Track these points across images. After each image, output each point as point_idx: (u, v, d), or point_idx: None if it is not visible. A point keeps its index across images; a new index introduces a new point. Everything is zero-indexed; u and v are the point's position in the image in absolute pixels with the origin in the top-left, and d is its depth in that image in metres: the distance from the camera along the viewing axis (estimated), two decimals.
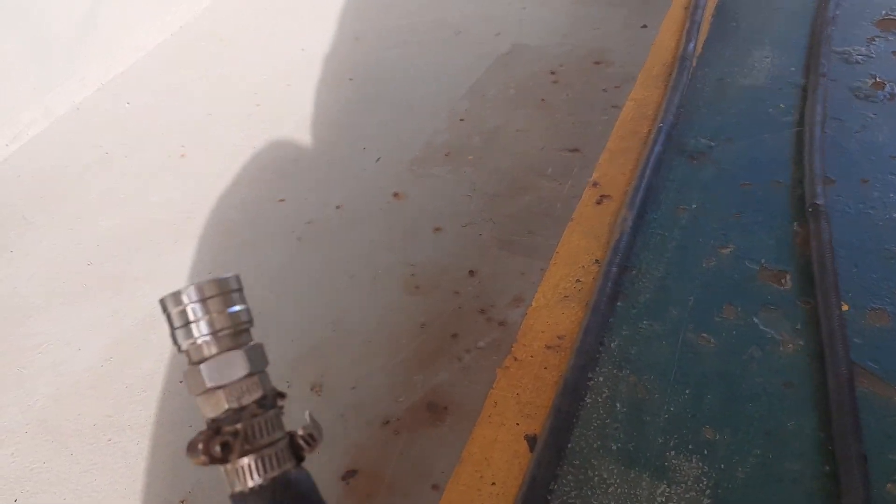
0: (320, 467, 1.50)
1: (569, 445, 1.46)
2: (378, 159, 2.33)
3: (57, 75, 2.74)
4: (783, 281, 1.70)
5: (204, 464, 0.59)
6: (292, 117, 2.58)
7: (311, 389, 1.66)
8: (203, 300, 0.62)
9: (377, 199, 2.17)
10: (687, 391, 1.52)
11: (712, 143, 2.17)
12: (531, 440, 1.49)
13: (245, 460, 0.60)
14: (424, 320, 1.77)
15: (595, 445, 1.45)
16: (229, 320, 0.63)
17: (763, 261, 1.77)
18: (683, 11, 2.85)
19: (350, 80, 2.78)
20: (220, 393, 0.61)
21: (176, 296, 0.62)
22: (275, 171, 2.35)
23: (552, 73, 2.63)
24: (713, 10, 2.85)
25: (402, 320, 1.78)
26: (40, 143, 2.66)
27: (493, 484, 1.42)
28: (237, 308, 0.63)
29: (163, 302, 0.64)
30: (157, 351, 1.79)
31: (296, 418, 0.66)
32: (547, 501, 1.38)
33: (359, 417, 1.58)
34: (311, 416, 0.66)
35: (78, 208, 2.31)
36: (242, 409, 0.61)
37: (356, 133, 2.47)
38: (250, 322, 0.65)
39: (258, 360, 0.64)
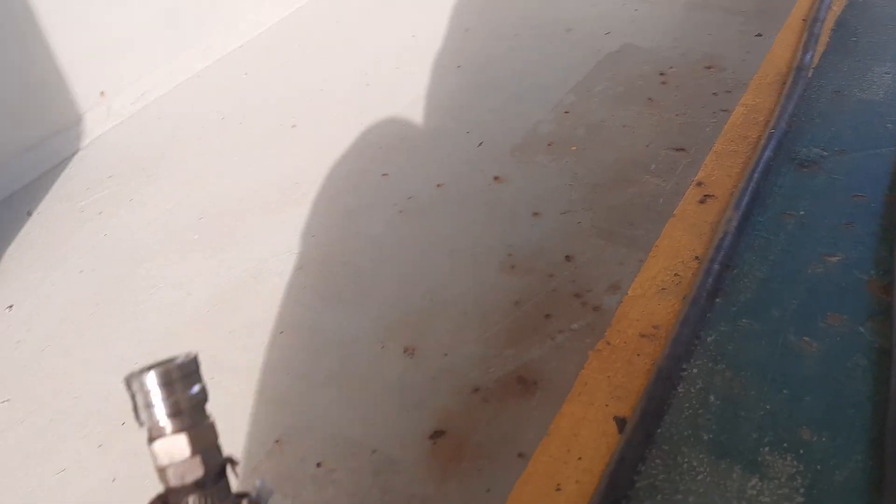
0: (409, 424, 1.54)
1: (658, 430, 1.46)
2: (481, 144, 2.37)
3: (183, 43, 2.89)
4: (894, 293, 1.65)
5: None
6: (400, 98, 2.65)
7: (404, 352, 1.70)
8: (163, 384, 0.68)
9: (478, 181, 2.21)
10: (785, 391, 1.49)
11: (825, 154, 2.12)
12: (620, 422, 1.49)
13: None
14: (518, 299, 1.79)
15: (686, 433, 1.45)
16: (186, 402, 0.69)
17: (873, 272, 1.72)
18: (801, 23, 2.79)
19: (458, 67, 2.83)
20: (168, 471, 0.68)
21: (139, 378, 0.69)
22: (380, 147, 2.42)
23: (661, 74, 2.62)
24: (833, 24, 2.78)
25: (496, 297, 1.81)
26: (163, 105, 2.81)
27: (580, 459, 1.43)
28: (194, 389, 0.70)
29: (127, 381, 0.70)
30: (260, 303, 1.87)
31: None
32: (633, 481, 1.38)
33: (449, 383, 1.62)
34: (262, 482, 0.72)
35: (194, 166, 2.43)
36: (185, 486, 0.68)
37: (461, 118, 2.51)
38: (205, 399, 0.71)
39: (203, 440, 0.70)
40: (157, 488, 1.39)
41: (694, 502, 1.34)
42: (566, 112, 2.47)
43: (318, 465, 1.49)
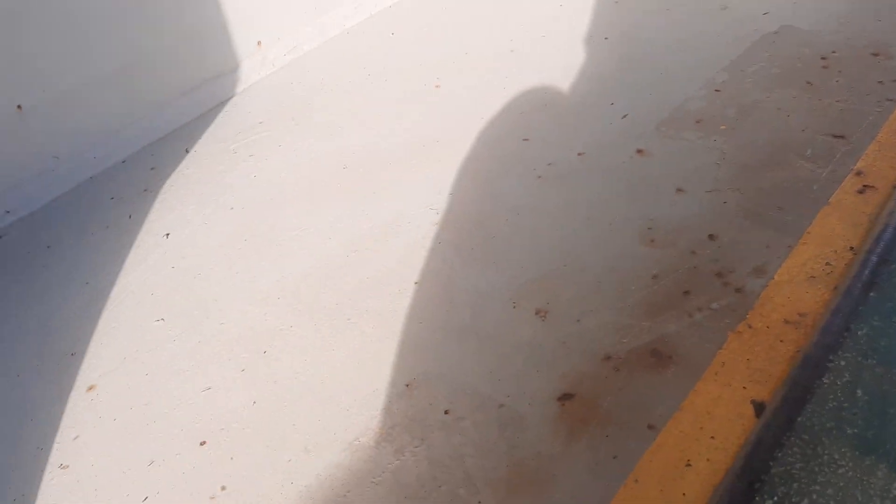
0: (538, 384, 1.55)
1: (799, 419, 1.40)
2: (625, 116, 2.32)
3: (335, 1, 2.97)
4: None
5: None
6: (545, 67, 2.63)
7: (536, 313, 1.70)
8: None
9: (620, 153, 2.17)
10: None
11: None
12: (759, 406, 1.44)
13: None
14: (657, 272, 1.76)
15: (828, 425, 1.39)
16: None
17: None
18: None
19: (605, 39, 2.78)
20: None
21: None
22: (522, 112, 2.42)
23: (823, 58, 2.48)
24: None
25: (633, 269, 1.78)
26: (313, 58, 2.91)
27: (713, 438, 1.40)
28: None
29: None
30: (397, 252, 1.92)
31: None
32: (769, 466, 1.34)
33: (580, 348, 1.61)
34: None
35: (340, 119, 2.51)
36: None
37: (606, 89, 2.47)
38: None
39: None
40: (291, 414, 1.46)
41: (832, 495, 1.29)
42: (717, 90, 2.39)
43: (447, 412, 1.53)
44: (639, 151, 2.16)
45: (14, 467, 1.49)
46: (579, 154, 2.18)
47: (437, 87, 2.60)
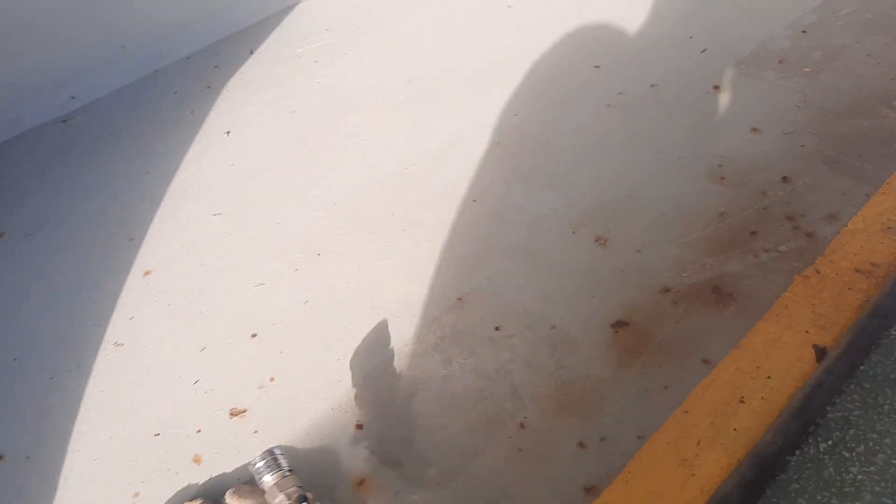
0: (591, 309, 1.52)
1: (862, 367, 1.36)
2: (704, 51, 2.23)
3: None
4: None
5: None
6: None
7: (595, 240, 1.67)
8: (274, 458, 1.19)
9: (694, 88, 2.09)
10: None
11: None
12: (820, 351, 1.40)
13: None
14: (724, 210, 1.70)
15: (892, 376, 1.34)
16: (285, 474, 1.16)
17: None
18: None
19: None
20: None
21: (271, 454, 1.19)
22: (595, 39, 2.33)
23: None
24: None
25: (700, 204, 1.72)
26: None
27: (769, 378, 1.37)
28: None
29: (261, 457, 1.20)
30: (456, 169, 1.88)
31: None
32: (826, 410, 1.30)
33: (639, 278, 1.58)
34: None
35: (407, 33, 2.45)
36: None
37: (685, 23, 2.37)
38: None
39: (287, 485, 1.15)
40: (342, 316, 1.44)
41: (891, 444, 1.25)
42: (803, 31, 2.27)
43: (497, 328, 1.51)
44: (715, 87, 2.07)
45: (72, 340, 1.53)
46: (652, 86, 2.10)
47: (508, 6, 2.51)
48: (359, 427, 1.35)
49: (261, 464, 1.11)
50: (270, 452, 1.11)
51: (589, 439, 1.32)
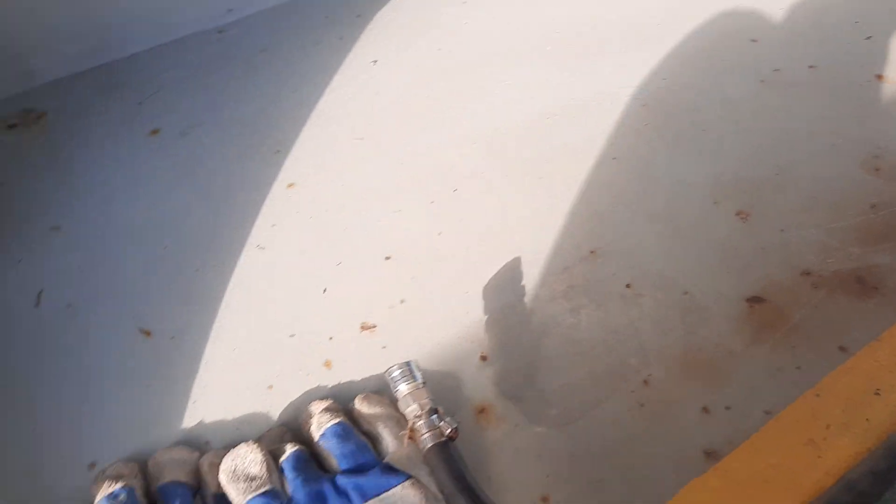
0: (727, 282, 1.51)
1: None
2: (869, 37, 2.12)
3: None
4: None
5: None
6: None
7: (737, 214, 1.64)
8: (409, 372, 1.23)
9: (856, 74, 2.00)
10: None
11: None
12: None
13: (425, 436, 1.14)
14: (876, 202, 1.64)
15: None
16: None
17: None
18: None
19: None
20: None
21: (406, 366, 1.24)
22: (754, 12, 2.26)
23: None
24: None
25: (851, 193, 1.67)
26: None
27: None
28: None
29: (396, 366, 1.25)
30: (598, 124, 1.88)
31: None
32: None
33: (779, 258, 1.55)
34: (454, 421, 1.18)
35: None
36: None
37: (851, 6, 2.26)
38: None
39: (421, 396, 1.21)
40: (474, 252, 1.46)
41: None
42: None
43: (628, 285, 1.51)
44: (878, 77, 1.98)
45: (217, 238, 1.60)
46: (810, 67, 2.03)
47: None
48: (483, 358, 1.39)
49: (397, 373, 1.15)
50: (407, 364, 1.15)
51: (713, 405, 1.31)
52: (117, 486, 1.16)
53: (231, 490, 1.15)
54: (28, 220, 1.69)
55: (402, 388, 1.22)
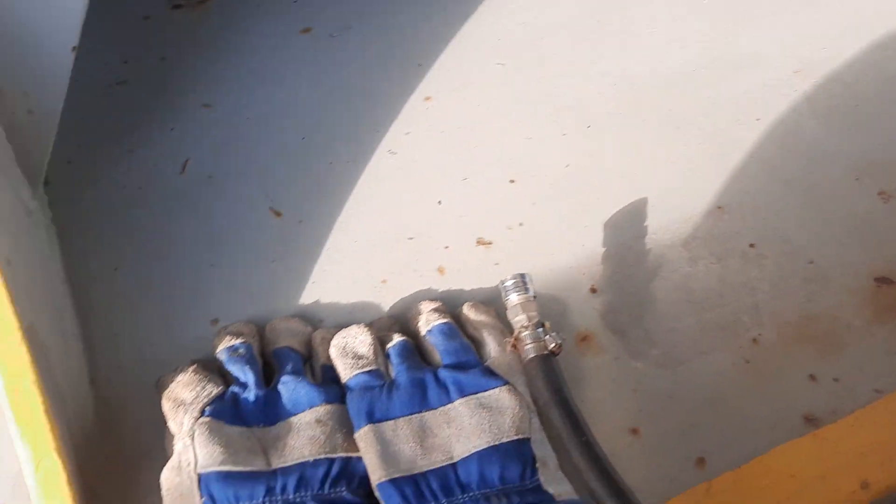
0: (856, 258, 1.46)
1: None
2: None
3: None
4: None
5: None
6: None
7: (879, 194, 1.59)
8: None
9: None
10: None
11: None
12: None
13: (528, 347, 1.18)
14: None
15: None
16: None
17: None
18: None
19: None
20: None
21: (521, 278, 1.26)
22: None
23: None
24: None
25: None
26: None
27: None
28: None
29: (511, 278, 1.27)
30: (746, 87, 1.82)
31: None
32: None
33: None
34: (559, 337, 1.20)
35: None
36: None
37: None
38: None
39: (530, 308, 1.24)
40: (598, 189, 1.46)
41: None
42: None
43: (751, 245, 1.49)
44: None
45: (352, 137, 1.67)
46: None
47: None
48: (593, 290, 1.40)
49: (510, 283, 1.18)
50: (522, 276, 1.18)
51: (821, 374, 1.29)
52: (237, 341, 1.24)
53: (339, 364, 1.21)
54: (183, 94, 1.79)
55: (513, 298, 1.25)
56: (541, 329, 1.22)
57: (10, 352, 1.05)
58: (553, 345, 1.20)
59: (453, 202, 1.58)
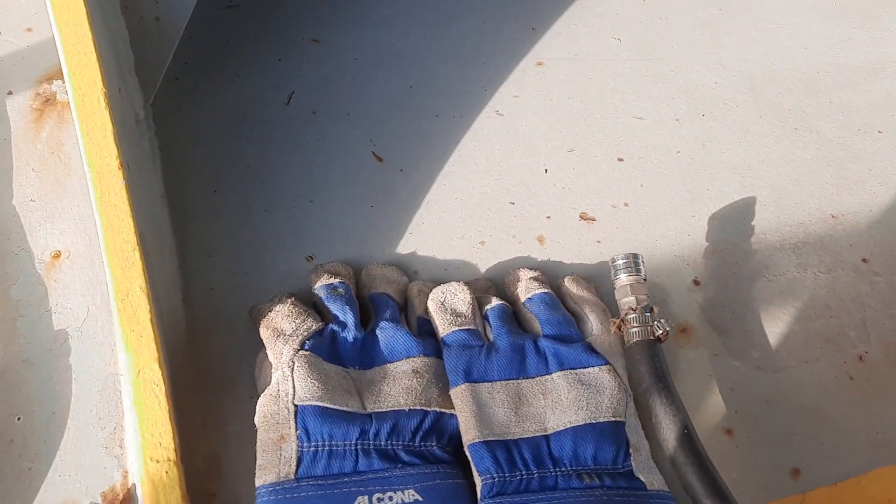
0: None
1: None
2: None
3: None
4: None
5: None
6: None
7: None
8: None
9: None
10: None
11: None
12: None
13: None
14: None
15: None
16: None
17: None
18: None
19: None
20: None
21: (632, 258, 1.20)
22: None
23: None
24: None
25: None
26: None
27: None
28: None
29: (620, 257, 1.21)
30: (874, 95, 1.74)
31: None
32: None
33: None
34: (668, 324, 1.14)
35: None
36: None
37: None
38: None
39: (640, 291, 1.20)
40: (708, 179, 1.37)
41: None
42: None
43: (864, 260, 1.43)
44: None
45: (458, 94, 1.63)
46: None
47: None
48: (696, 283, 1.36)
49: (621, 262, 1.13)
50: (635, 256, 1.13)
51: None
52: (336, 280, 1.22)
53: (437, 318, 1.19)
54: (293, 26, 1.76)
55: (623, 278, 1.21)
56: (649, 313, 1.18)
57: (124, 257, 1.04)
58: (661, 331, 1.16)
59: (558, 172, 1.53)
